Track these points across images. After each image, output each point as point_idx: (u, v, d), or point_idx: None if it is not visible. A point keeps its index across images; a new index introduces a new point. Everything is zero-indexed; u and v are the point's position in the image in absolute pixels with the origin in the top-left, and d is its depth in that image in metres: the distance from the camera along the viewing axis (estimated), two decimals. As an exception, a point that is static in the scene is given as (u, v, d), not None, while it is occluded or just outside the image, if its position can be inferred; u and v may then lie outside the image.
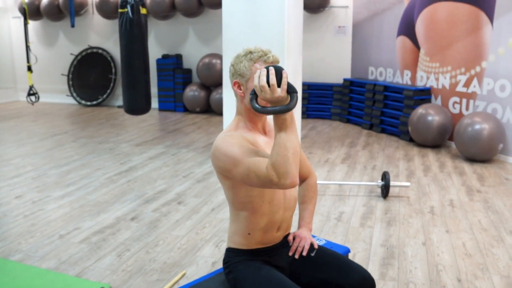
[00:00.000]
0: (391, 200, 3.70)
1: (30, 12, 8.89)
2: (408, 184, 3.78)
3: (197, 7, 7.77)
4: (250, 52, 1.63)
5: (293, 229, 2.56)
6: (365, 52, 7.10)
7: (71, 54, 9.28)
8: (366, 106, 6.58)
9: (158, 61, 8.39)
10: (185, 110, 8.36)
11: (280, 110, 1.39)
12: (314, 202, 1.93)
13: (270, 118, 1.77)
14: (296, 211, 2.69)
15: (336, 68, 7.51)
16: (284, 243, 1.78)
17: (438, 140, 5.31)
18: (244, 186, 1.58)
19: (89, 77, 9.25)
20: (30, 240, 3.08)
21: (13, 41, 9.89)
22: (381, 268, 2.63)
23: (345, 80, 7.13)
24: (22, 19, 9.26)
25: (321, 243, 2.10)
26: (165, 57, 8.42)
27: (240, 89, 1.65)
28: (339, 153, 5.22)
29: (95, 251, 2.89)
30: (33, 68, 9.50)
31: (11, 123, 7.43)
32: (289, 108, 1.38)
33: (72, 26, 5.53)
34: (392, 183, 3.78)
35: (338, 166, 4.72)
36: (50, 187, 4.17)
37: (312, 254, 1.74)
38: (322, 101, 7.44)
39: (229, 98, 4.77)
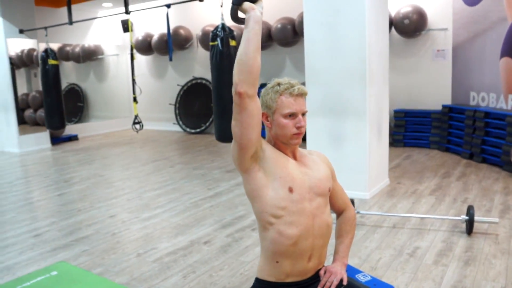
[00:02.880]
0: (475, 237, 3.40)
1: (143, 48, 9.83)
2: (496, 220, 3.45)
3: (292, 36, 7.95)
4: (278, 84, 1.68)
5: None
6: (466, 76, 6.66)
7: (178, 85, 10.01)
8: (466, 134, 6.14)
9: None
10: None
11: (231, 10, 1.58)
12: (351, 236, 1.88)
13: (300, 147, 1.79)
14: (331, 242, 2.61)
15: (435, 94, 7.13)
16: (317, 278, 1.75)
17: (547, 172, 4.76)
18: (269, 204, 1.61)
19: (194, 106, 9.87)
20: (112, 256, 3.37)
21: (129, 75, 10.96)
22: (447, 310, 2.43)
23: (444, 106, 6.73)
24: (137, 54, 10.27)
25: (366, 279, 2.02)
26: (263, 86, 8.67)
27: (268, 121, 1.69)
28: (429, 184, 4.92)
29: (164, 271, 3.07)
30: (145, 98, 10.44)
31: (123, 149, 8.19)
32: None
33: (170, 60, 5.98)
34: (477, 218, 3.47)
35: (425, 198, 4.46)
36: (140, 209, 4.52)
37: (340, 289, 1.69)
38: (420, 128, 7.09)
39: (310, 124, 4.79)
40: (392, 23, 7.10)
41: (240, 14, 1.62)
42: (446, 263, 3.00)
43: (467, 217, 3.45)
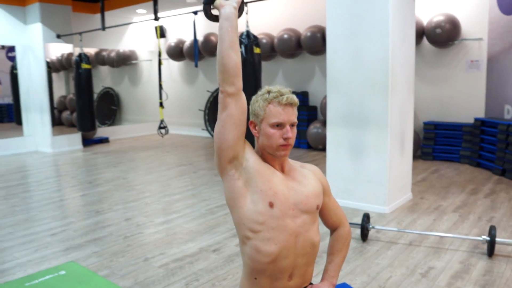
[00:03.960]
0: (497, 260, 3.22)
1: (175, 54, 9.96)
2: (519, 242, 3.26)
3: (322, 45, 7.86)
4: (268, 92, 1.62)
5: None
6: (501, 89, 6.39)
7: (208, 91, 10.08)
8: (499, 149, 5.87)
9: (285, 98, 8.61)
10: (309, 147, 8.39)
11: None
12: (342, 255, 1.79)
13: (289, 160, 1.73)
14: (320, 260, 2.52)
15: (467, 107, 6.87)
16: (300, 296, 1.68)
17: None
18: (246, 216, 1.55)
19: (224, 112, 9.91)
20: (120, 259, 3.39)
21: (164, 80, 11.12)
22: (453, 336, 2.29)
23: (476, 119, 6.48)
24: (170, 60, 10.42)
25: (361, 298, 1.93)
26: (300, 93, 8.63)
27: (255, 129, 1.64)
28: (454, 201, 4.72)
29: (168, 277, 3.05)
30: (175, 103, 10.57)
31: (150, 153, 8.30)
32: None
33: (196, 66, 6.03)
34: (499, 239, 3.29)
35: (447, 215, 4.28)
36: (156, 213, 4.54)
37: (323, 310, 1.61)
38: (450, 142, 6.84)
39: (330, 134, 4.70)
40: (424, 32, 6.91)
41: (215, 12, 1.60)
42: (461, 286, 2.84)
43: (488, 238, 3.27)
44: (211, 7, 1.61)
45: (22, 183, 6.13)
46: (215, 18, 1.60)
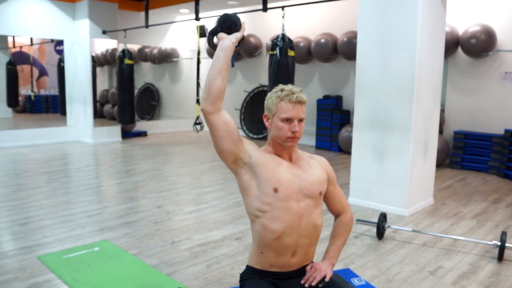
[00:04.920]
0: (506, 265, 3.32)
1: (214, 53, 10.29)
2: (530, 249, 3.35)
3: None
4: (281, 90, 1.85)
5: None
6: (534, 102, 6.36)
7: (245, 91, 10.36)
8: (528, 161, 5.87)
9: (319, 101, 8.79)
10: (340, 150, 8.52)
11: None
12: (343, 239, 2.00)
13: (299, 150, 1.96)
14: (323, 238, 2.70)
15: (499, 118, 6.85)
16: (302, 272, 1.90)
17: None
18: (254, 195, 1.79)
19: (258, 112, 10.15)
20: (150, 241, 3.68)
21: (202, 78, 11.49)
22: (450, 328, 2.44)
23: (506, 131, 6.46)
24: (209, 59, 10.77)
25: (360, 283, 2.13)
26: (326, 97, 8.80)
27: (268, 122, 1.88)
28: (475, 208, 4.79)
29: (192, 259, 3.32)
30: (211, 101, 10.87)
31: (184, 148, 8.66)
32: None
33: (232, 66, 6.27)
34: (508, 245, 3.38)
35: (465, 220, 4.37)
36: (186, 203, 4.84)
37: (320, 286, 1.82)
38: (479, 152, 6.85)
39: (356, 136, 4.86)
40: (459, 42, 6.94)
41: (216, 41, 1.84)
42: (465, 285, 2.98)
43: (498, 243, 3.38)
44: (214, 39, 1.84)
45: (63, 169, 6.57)
46: (215, 47, 1.83)
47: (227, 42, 1.78)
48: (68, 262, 3.21)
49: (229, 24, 1.80)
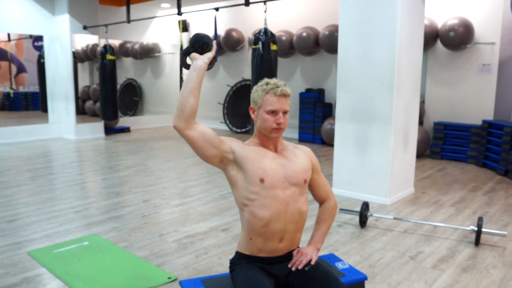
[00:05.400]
0: (482, 248, 3.47)
1: (196, 49, 10.30)
2: (505, 233, 3.49)
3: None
4: (266, 84, 1.93)
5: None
6: (510, 93, 6.55)
7: (227, 85, 10.41)
8: (503, 150, 6.05)
9: (301, 95, 8.89)
10: (322, 142, 8.64)
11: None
12: (327, 224, 2.09)
13: (284, 141, 2.04)
14: (309, 227, 2.78)
15: (477, 109, 7.05)
16: (289, 257, 1.99)
17: None
18: (241, 184, 1.88)
19: (241, 106, 10.22)
20: (138, 234, 3.74)
21: (185, 73, 11.50)
22: (430, 309, 2.56)
23: (484, 121, 6.66)
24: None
25: (344, 267, 2.22)
26: (308, 91, 8.90)
27: (254, 114, 1.95)
28: (454, 196, 4.95)
29: (180, 250, 3.39)
30: (194, 96, 10.90)
31: (169, 143, 8.68)
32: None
33: (216, 60, 6.32)
34: (485, 230, 3.53)
35: (444, 208, 4.52)
36: (172, 197, 4.89)
37: (306, 269, 1.91)
38: (458, 142, 7.04)
39: (339, 128, 4.97)
40: (438, 35, 7.09)
41: (189, 61, 1.90)
42: (444, 268, 3.11)
43: (475, 228, 3.52)
44: (187, 59, 1.90)
45: (47, 166, 6.55)
46: (188, 67, 1.89)
47: (200, 62, 1.84)
48: (59, 256, 3.25)
49: (201, 44, 1.86)
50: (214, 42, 1.91)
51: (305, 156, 2.03)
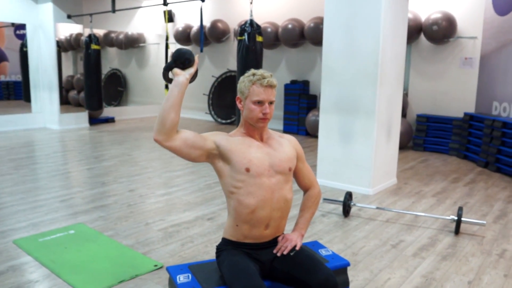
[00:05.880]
0: (462, 237, 3.57)
1: (182, 38, 10.27)
2: (483, 222, 3.60)
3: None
4: (253, 74, 1.96)
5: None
6: (491, 86, 6.69)
7: (213, 76, 10.40)
8: (484, 142, 6.19)
9: (286, 86, 8.93)
10: (307, 133, 8.71)
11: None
12: (311, 211, 2.15)
13: (270, 130, 2.08)
14: (293, 216, 2.85)
15: (459, 102, 7.18)
16: (274, 243, 2.04)
17: (554, 185, 4.80)
18: (228, 173, 1.92)
19: (226, 97, 10.23)
20: (124, 223, 3.76)
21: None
22: (410, 294, 2.64)
23: (465, 114, 6.79)
24: (177, 45, 10.73)
25: (327, 253, 2.28)
26: (293, 82, 8.95)
27: (241, 104, 1.99)
28: (435, 187, 5.06)
29: (166, 238, 3.42)
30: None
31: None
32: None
33: (201, 51, 6.36)
34: (464, 219, 3.63)
35: (426, 199, 4.62)
36: (158, 186, 4.91)
37: (291, 254, 1.96)
38: (440, 134, 7.17)
39: (323, 120, 5.03)
40: (422, 28, 7.19)
41: (171, 76, 1.93)
42: (425, 256, 3.20)
43: (455, 218, 3.62)
44: (169, 74, 1.93)
45: (31, 156, 6.50)
46: (170, 81, 1.91)
47: (181, 78, 1.85)
48: (44, 245, 3.26)
49: (183, 60, 1.88)
50: (197, 57, 1.93)
51: (290, 145, 2.08)
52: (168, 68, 1.91)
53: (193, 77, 1.93)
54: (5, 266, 2.94)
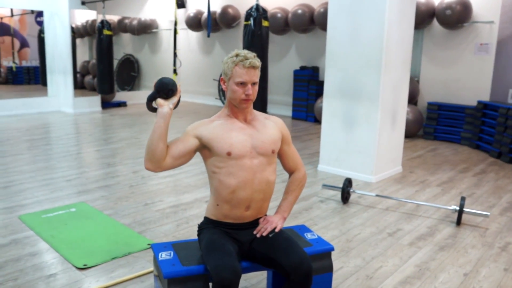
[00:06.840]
0: (464, 228, 3.50)
1: (194, 24, 10.26)
2: (487, 214, 3.51)
3: (335, 22, 8.02)
4: (236, 55, 1.95)
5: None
6: (507, 73, 6.49)
7: (222, 62, 10.34)
8: (497, 132, 6.05)
9: (296, 72, 8.86)
10: (315, 120, 8.63)
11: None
12: (295, 195, 2.13)
13: (255, 112, 2.08)
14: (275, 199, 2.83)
15: (473, 89, 7.01)
16: (255, 224, 2.04)
17: None
18: (211, 156, 1.94)
19: (237, 83, 10.19)
20: (124, 203, 3.81)
21: (180, 49, 11.45)
22: (398, 285, 2.60)
23: (479, 102, 6.64)
24: (188, 30, 10.72)
25: (312, 237, 2.27)
26: (302, 68, 8.86)
27: (224, 85, 1.98)
28: (442, 176, 4.98)
29: (163, 219, 3.46)
30: (192, 72, 10.91)
31: (164, 117, 8.69)
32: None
33: (208, 36, 6.35)
34: (467, 210, 3.56)
35: (430, 188, 4.55)
36: (161, 169, 4.94)
37: (270, 235, 1.97)
38: (452, 123, 7.04)
39: (327, 105, 4.99)
40: (435, 13, 7.02)
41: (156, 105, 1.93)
42: (421, 246, 3.15)
43: (457, 208, 3.56)
44: (153, 103, 1.93)
45: (44, 137, 6.61)
46: (154, 110, 1.92)
47: (165, 109, 1.88)
48: (47, 221, 3.34)
49: (166, 91, 1.89)
50: (179, 86, 1.93)
51: (275, 127, 2.06)
52: (151, 98, 1.92)
53: (176, 104, 1.95)
54: (9, 239, 3.04)
